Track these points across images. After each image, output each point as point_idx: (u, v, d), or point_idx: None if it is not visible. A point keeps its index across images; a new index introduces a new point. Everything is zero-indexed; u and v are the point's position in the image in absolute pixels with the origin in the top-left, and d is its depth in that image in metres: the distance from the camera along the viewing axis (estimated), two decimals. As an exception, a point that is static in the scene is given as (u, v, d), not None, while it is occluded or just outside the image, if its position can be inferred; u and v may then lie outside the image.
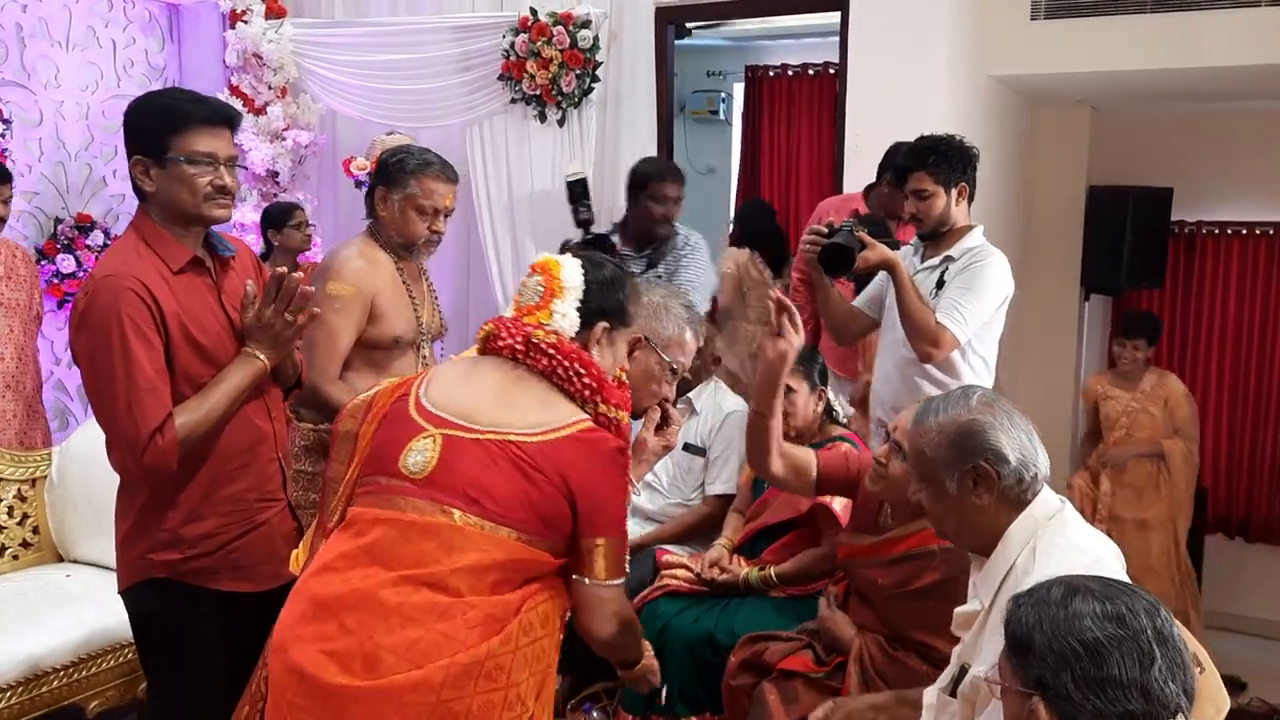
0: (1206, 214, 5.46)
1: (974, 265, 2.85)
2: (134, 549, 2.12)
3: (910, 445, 1.87)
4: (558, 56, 4.23)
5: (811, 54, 5.92)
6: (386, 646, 1.62)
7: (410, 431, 1.78)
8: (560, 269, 1.89)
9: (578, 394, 1.82)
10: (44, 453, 3.40)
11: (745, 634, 2.70)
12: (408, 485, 1.74)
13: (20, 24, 4.44)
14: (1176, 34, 4.10)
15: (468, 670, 1.63)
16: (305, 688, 1.64)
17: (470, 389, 1.83)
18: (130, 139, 2.05)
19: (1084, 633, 1.27)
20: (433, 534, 1.70)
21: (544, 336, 1.82)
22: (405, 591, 1.66)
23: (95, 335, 1.97)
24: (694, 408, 3.42)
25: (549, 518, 1.74)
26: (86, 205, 4.68)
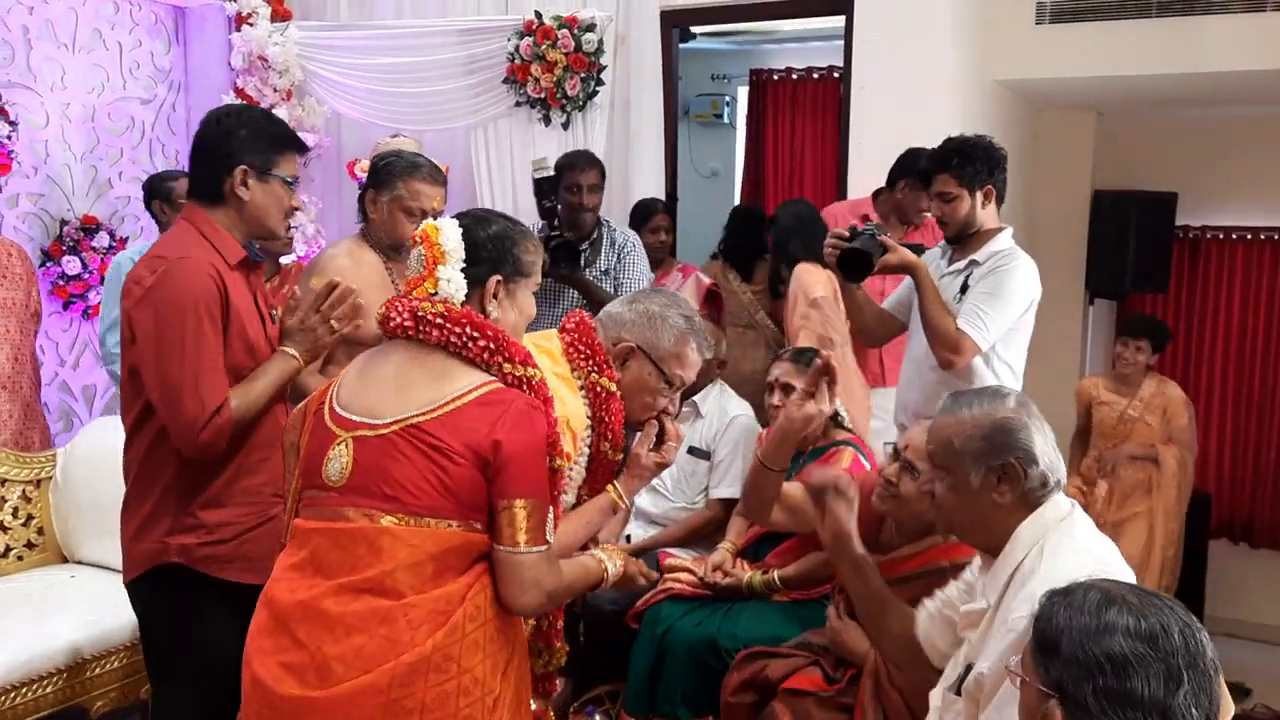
0: (1211, 219, 5.46)
1: (999, 270, 2.79)
2: (151, 533, 2.16)
3: (936, 434, 1.85)
4: (562, 60, 4.23)
5: (816, 58, 5.93)
6: (334, 656, 1.64)
7: (327, 439, 1.78)
8: (439, 233, 1.82)
9: (478, 358, 1.76)
10: (49, 454, 3.40)
11: (745, 647, 2.69)
12: (332, 494, 1.74)
13: (26, 26, 4.45)
14: (1181, 39, 4.10)
15: (413, 668, 1.63)
16: (265, 698, 1.68)
17: (372, 383, 1.80)
18: (235, 147, 2.17)
19: (1113, 646, 1.24)
20: (361, 539, 1.69)
21: (429, 308, 1.77)
22: (345, 600, 1.66)
23: (166, 312, 2.06)
24: (699, 411, 3.42)
25: (467, 498, 1.70)
26: (92, 207, 4.68)
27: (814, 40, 5.79)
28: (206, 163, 2.20)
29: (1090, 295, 5.44)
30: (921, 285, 2.78)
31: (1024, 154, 5.18)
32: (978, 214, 2.85)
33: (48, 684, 2.79)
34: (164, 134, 5.03)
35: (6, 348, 3.62)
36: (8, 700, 2.70)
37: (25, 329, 3.71)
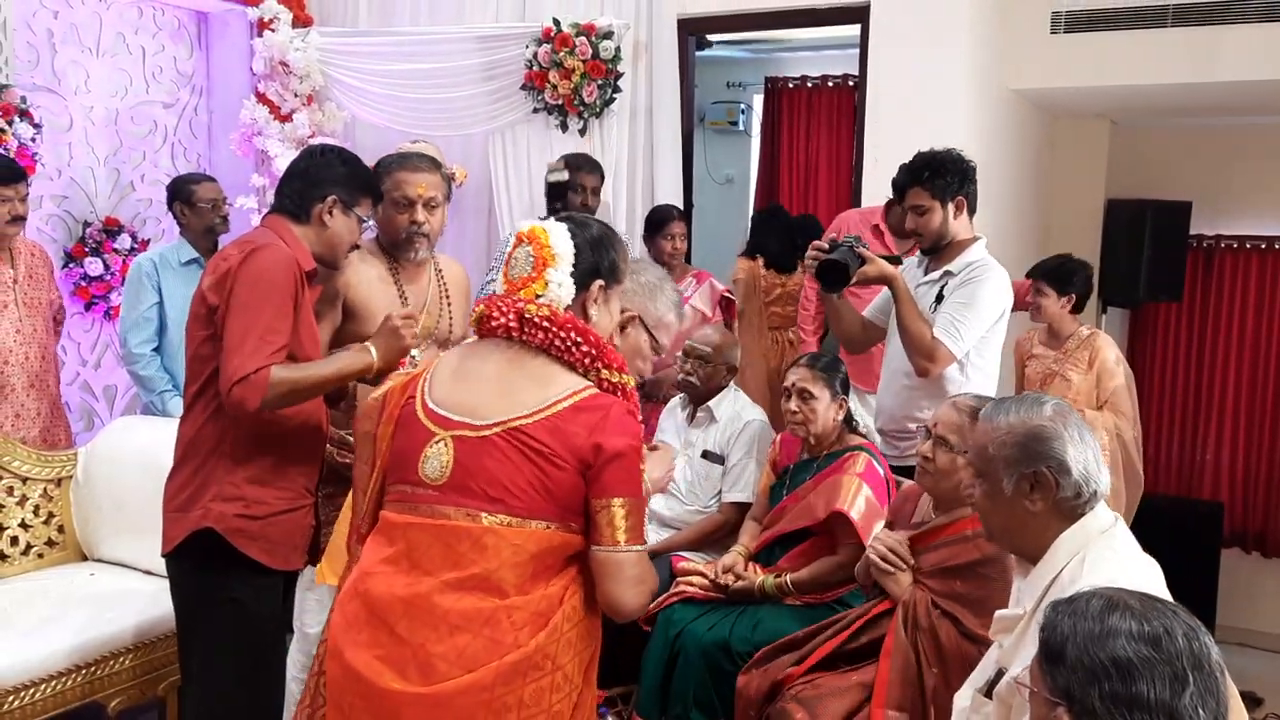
0: (1225, 228, 5.46)
1: (972, 281, 2.88)
2: (197, 500, 2.26)
3: (975, 440, 1.87)
4: (580, 67, 4.26)
5: (831, 66, 5.95)
6: (438, 654, 1.68)
7: (422, 437, 1.80)
8: (549, 235, 1.84)
9: (578, 363, 1.80)
10: (70, 453, 3.44)
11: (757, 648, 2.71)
12: (430, 492, 1.77)
13: (51, 30, 4.50)
14: (1196, 48, 4.11)
15: (517, 667, 1.68)
16: (362, 689, 1.71)
17: (471, 383, 1.82)
18: (332, 178, 2.41)
19: (1117, 650, 1.24)
20: (464, 536, 1.72)
21: (537, 310, 1.79)
22: (451, 599, 1.70)
23: (256, 279, 2.21)
24: (713, 416, 3.44)
25: (565, 500, 1.74)
26: (114, 209, 4.73)
27: (829, 49, 5.81)
28: (300, 184, 2.41)
29: (1104, 304, 5.43)
30: (898, 295, 2.86)
31: (1038, 162, 5.18)
32: (950, 225, 2.95)
33: (66, 680, 2.81)
34: (186, 137, 5.08)
35: (34, 346, 3.68)
36: (28, 696, 2.73)
37: (49, 328, 3.76)
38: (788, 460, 3.13)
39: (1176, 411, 5.67)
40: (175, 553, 2.32)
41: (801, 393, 2.98)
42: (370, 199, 2.49)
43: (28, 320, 3.65)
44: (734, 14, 4.51)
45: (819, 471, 2.98)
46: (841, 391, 3.01)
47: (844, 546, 2.88)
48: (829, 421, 2.99)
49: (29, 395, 3.66)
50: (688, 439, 3.47)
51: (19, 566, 3.24)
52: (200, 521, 2.26)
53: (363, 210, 2.46)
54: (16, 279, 3.64)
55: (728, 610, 2.95)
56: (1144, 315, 5.71)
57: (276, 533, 2.31)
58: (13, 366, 3.60)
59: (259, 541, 2.28)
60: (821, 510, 2.88)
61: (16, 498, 3.26)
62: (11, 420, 3.61)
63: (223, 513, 2.25)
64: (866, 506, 2.83)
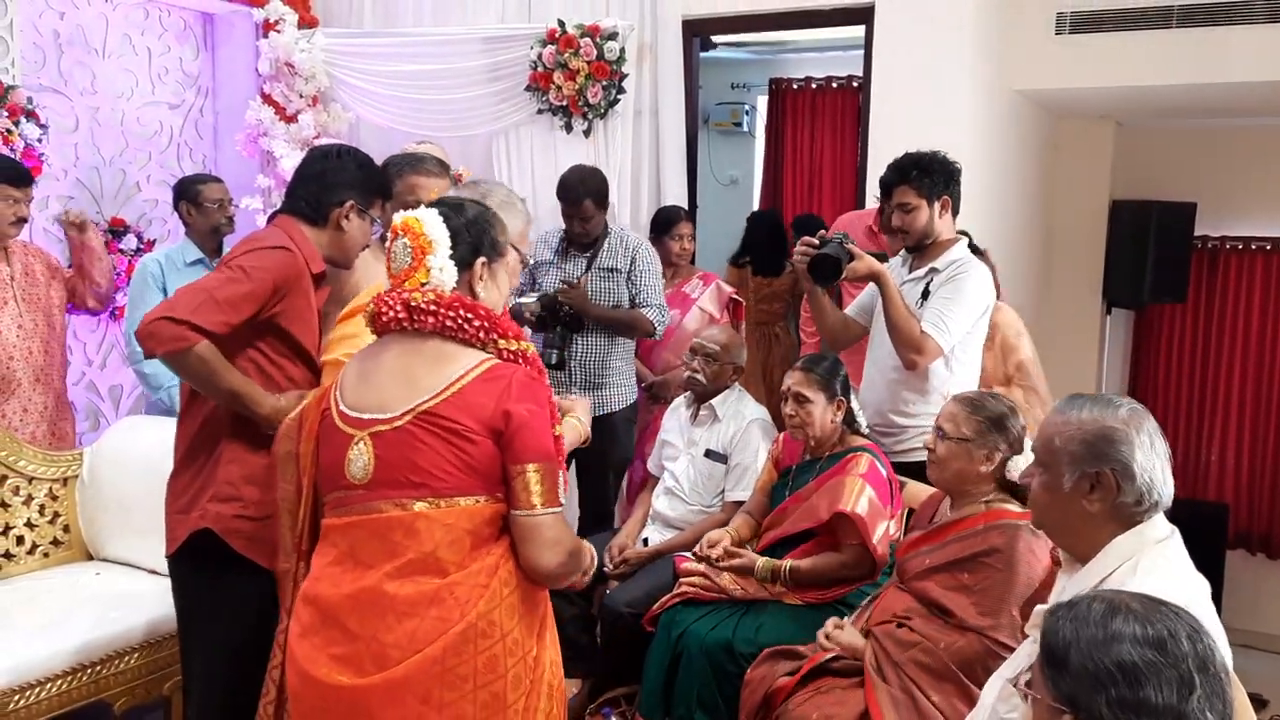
0: (1230, 229, 5.46)
1: (957, 278, 2.97)
2: (197, 501, 2.28)
3: (1043, 430, 1.83)
4: (584, 68, 4.27)
5: (835, 67, 5.95)
6: (390, 643, 1.74)
7: (343, 441, 1.85)
8: (423, 224, 1.88)
9: (474, 338, 1.84)
10: (75, 453, 3.45)
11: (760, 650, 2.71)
12: (359, 491, 1.82)
13: (58, 31, 4.52)
14: (1201, 49, 4.11)
15: (464, 636, 1.75)
16: (320, 692, 1.77)
17: (374, 380, 1.86)
18: (349, 182, 2.42)
19: (1122, 655, 1.23)
20: (396, 526, 1.78)
21: (420, 297, 1.84)
22: (394, 585, 1.76)
23: (240, 254, 2.24)
24: (716, 415, 3.44)
25: (488, 472, 1.80)
26: (120, 210, 4.74)
27: (833, 50, 5.81)
28: (316, 188, 2.41)
29: (1108, 305, 5.43)
30: (886, 291, 2.93)
31: (1043, 163, 5.18)
32: (935, 224, 3.04)
33: (72, 679, 2.82)
34: (191, 138, 5.10)
35: (36, 341, 3.69)
36: (33, 695, 2.73)
37: (52, 324, 3.78)
38: (790, 460, 3.13)
39: (1181, 413, 5.67)
40: (177, 553, 2.33)
41: (797, 396, 2.98)
42: (380, 199, 2.52)
43: (28, 316, 3.67)
44: (738, 15, 4.52)
45: (821, 473, 2.98)
46: (841, 393, 3.00)
47: (847, 547, 2.88)
48: (827, 424, 2.98)
49: (35, 390, 3.68)
50: (691, 437, 3.47)
51: (25, 566, 3.25)
52: (199, 522, 2.27)
53: (375, 211, 2.48)
54: (14, 276, 3.66)
55: (730, 611, 2.95)
56: (1148, 317, 5.71)
57: (271, 534, 2.25)
58: (17, 362, 3.62)
59: (257, 543, 2.26)
60: (824, 511, 2.87)
61: (23, 497, 3.27)
62: (19, 415, 3.63)
63: (220, 513, 2.26)
64: (870, 507, 2.83)
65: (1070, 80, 4.41)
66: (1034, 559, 2.27)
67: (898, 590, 2.56)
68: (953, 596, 2.37)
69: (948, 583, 2.39)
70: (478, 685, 1.75)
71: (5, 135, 3.89)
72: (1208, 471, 5.60)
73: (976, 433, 2.42)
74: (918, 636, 2.38)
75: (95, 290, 3.93)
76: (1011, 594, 2.26)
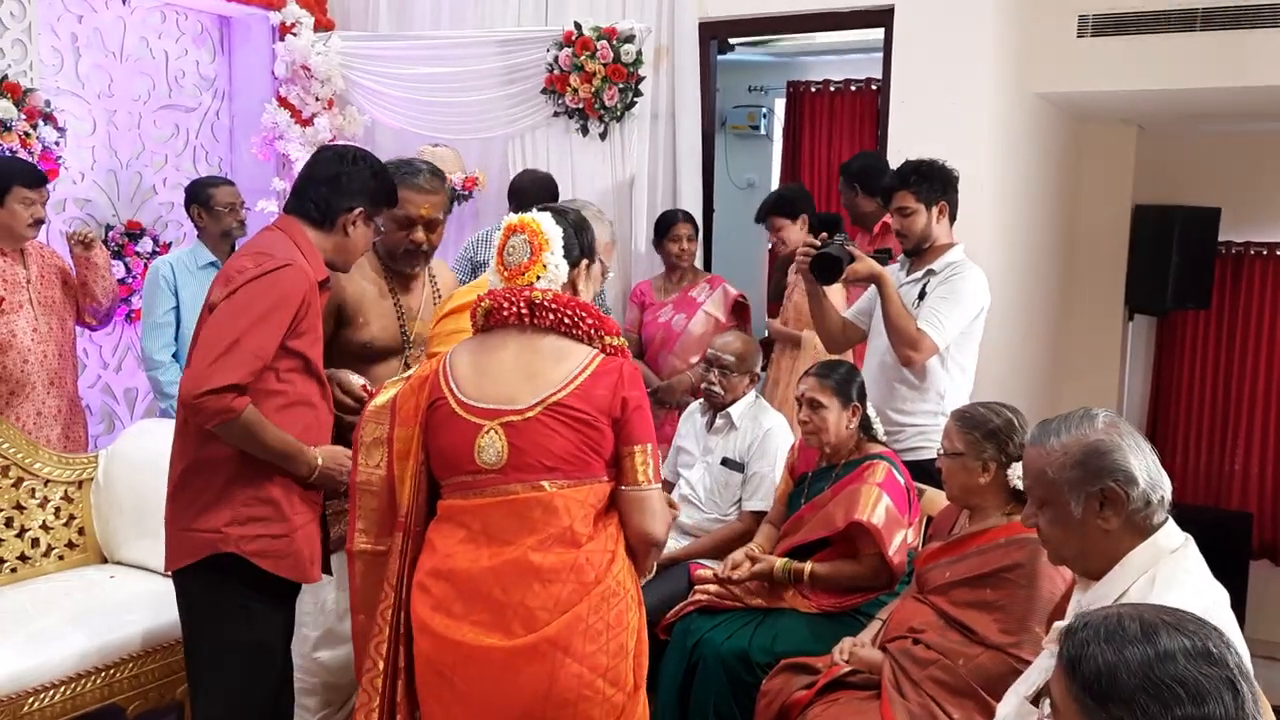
0: (1255, 234, 5.40)
1: (953, 278, 3.10)
2: (209, 522, 2.23)
3: (1030, 466, 1.80)
4: (601, 71, 4.25)
5: (854, 70, 5.91)
6: (537, 606, 1.95)
7: (469, 430, 2.01)
8: (540, 224, 2.08)
9: (584, 335, 2.04)
10: (91, 455, 3.45)
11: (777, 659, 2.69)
12: (492, 475, 2.00)
13: (76, 34, 4.53)
14: (1225, 52, 4.06)
15: (601, 595, 1.98)
16: (466, 654, 1.97)
17: (495, 375, 2.04)
18: (361, 188, 2.37)
19: (1181, 673, 1.16)
20: (534, 505, 1.98)
21: (542, 296, 2.03)
22: (539, 557, 1.96)
23: (256, 291, 2.18)
24: (733, 423, 3.41)
25: (610, 455, 2.03)
26: (136, 213, 4.76)
27: (852, 53, 5.78)
28: (328, 191, 2.35)
29: (1130, 311, 5.38)
30: (886, 290, 3.05)
31: (1064, 167, 5.14)
32: (933, 228, 3.17)
33: (86, 683, 2.82)
34: (208, 141, 5.11)
35: (51, 344, 3.69)
36: (46, 698, 2.73)
37: (66, 327, 3.78)
38: (806, 467, 3.10)
39: (1205, 421, 5.61)
40: (184, 571, 2.30)
41: (811, 402, 2.95)
42: (388, 208, 2.50)
43: (43, 319, 3.67)
44: (756, 18, 4.50)
45: (837, 480, 2.94)
46: (857, 399, 2.96)
47: (864, 556, 2.85)
48: (841, 430, 2.95)
49: (49, 393, 3.68)
50: (707, 445, 3.45)
51: (40, 568, 3.25)
52: (218, 546, 2.24)
53: (381, 222, 2.48)
54: (30, 279, 3.66)
55: (746, 619, 2.92)
56: (1172, 323, 5.65)
57: (297, 548, 2.30)
58: (32, 365, 3.62)
59: (287, 559, 2.28)
60: (840, 520, 2.84)
61: (38, 500, 3.27)
62: (33, 418, 3.64)
63: (243, 535, 2.24)
64: (887, 516, 2.79)
65: (1092, 83, 4.36)
66: (1055, 574, 2.24)
67: (915, 601, 2.52)
68: (973, 614, 2.34)
69: (970, 598, 2.36)
70: (610, 637, 1.98)
71: (23, 138, 3.91)
72: (1231, 480, 5.54)
73: (968, 446, 2.41)
74: (935, 654, 2.34)
75: (93, 307, 3.87)
76: (1035, 611, 2.23)
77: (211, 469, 2.25)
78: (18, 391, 3.60)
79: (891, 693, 2.33)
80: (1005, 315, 4.47)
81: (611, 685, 1.99)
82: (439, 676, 2.02)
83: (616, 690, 2.00)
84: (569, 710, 1.96)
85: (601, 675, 1.98)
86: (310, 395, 2.34)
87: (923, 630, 2.41)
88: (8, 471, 3.21)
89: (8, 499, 3.20)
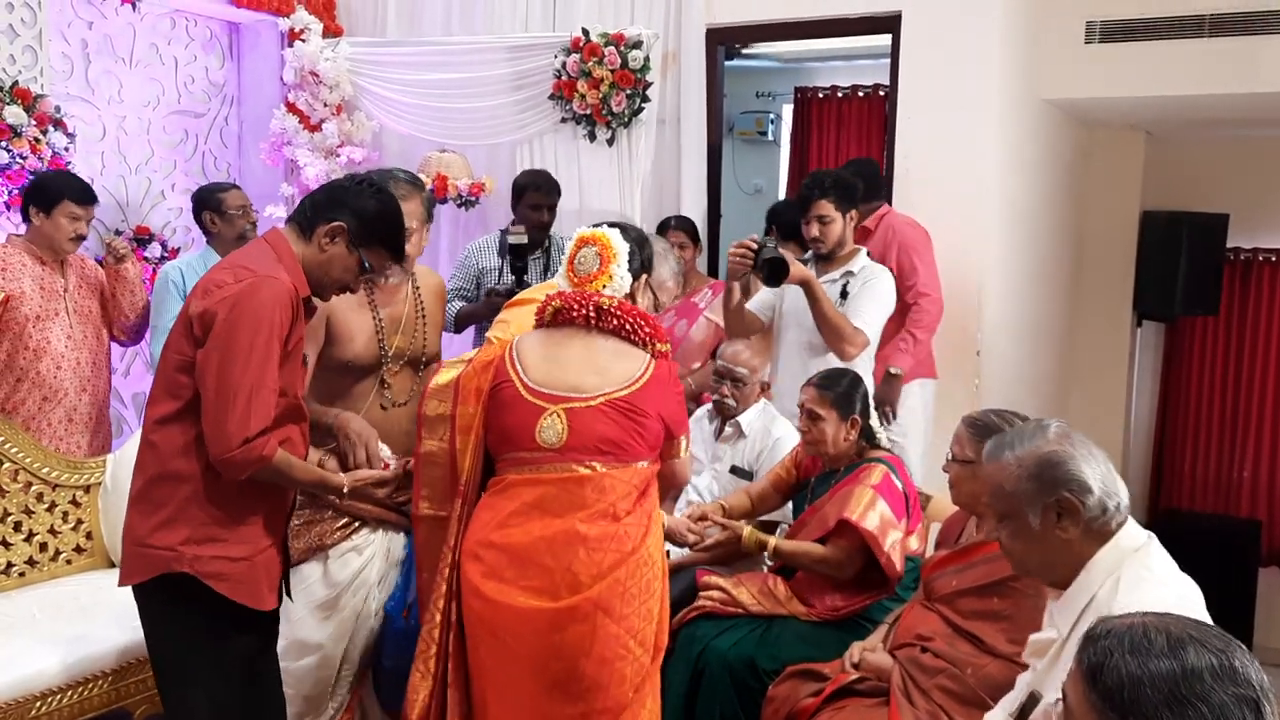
0: (1263, 240, 5.38)
1: (873, 281, 3.46)
2: (166, 538, 2.14)
3: (989, 483, 1.83)
4: (608, 77, 4.26)
5: (861, 76, 5.91)
6: (580, 570, 2.16)
7: (533, 412, 2.25)
8: (609, 238, 2.37)
9: (641, 341, 2.31)
10: (99, 460, 3.46)
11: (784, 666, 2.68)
12: (549, 454, 2.23)
13: (86, 41, 4.55)
14: (1233, 58, 4.05)
15: (636, 562, 2.21)
16: (518, 615, 2.17)
17: (563, 365, 2.29)
18: (354, 208, 2.24)
19: (1208, 693, 1.15)
20: (587, 483, 2.22)
21: (609, 302, 2.31)
22: (587, 528, 2.18)
23: (245, 320, 2.08)
24: (742, 431, 3.41)
25: (654, 442, 2.31)
26: (145, 218, 4.77)
27: (859, 59, 5.77)
28: (323, 198, 2.28)
29: (1138, 317, 5.36)
30: (816, 293, 3.33)
31: (1072, 173, 5.13)
32: (846, 234, 3.51)
33: (93, 687, 2.83)
34: (216, 147, 5.12)
35: (85, 352, 3.73)
36: (54, 702, 2.74)
37: (101, 337, 3.83)
38: (811, 470, 3.10)
39: (1213, 427, 5.59)
40: (143, 587, 2.21)
41: (810, 414, 2.96)
42: (385, 250, 2.31)
43: (78, 327, 3.72)
44: (763, 24, 4.50)
45: (837, 483, 2.95)
46: (858, 412, 2.95)
47: (835, 546, 2.84)
48: (839, 441, 2.94)
49: (80, 400, 3.72)
50: (715, 453, 3.44)
51: (48, 572, 3.26)
52: (171, 565, 2.14)
53: (370, 255, 2.28)
54: (67, 288, 3.70)
55: (751, 626, 2.91)
56: (1180, 329, 5.63)
57: (256, 574, 2.20)
58: (65, 371, 3.66)
59: (245, 584, 2.18)
60: (832, 520, 2.85)
61: (46, 504, 3.28)
62: (64, 425, 3.68)
63: (198, 555, 2.14)
64: (880, 519, 2.79)
65: (1100, 90, 4.36)
66: None
67: (923, 609, 2.52)
68: (982, 624, 2.33)
69: (977, 607, 2.35)
70: (641, 602, 2.21)
71: (33, 143, 3.92)
72: (1240, 487, 5.51)
73: (979, 454, 2.38)
74: (943, 663, 2.34)
75: (123, 322, 3.89)
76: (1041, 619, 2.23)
77: (175, 483, 2.15)
78: (50, 398, 3.63)
79: (900, 699, 2.33)
80: (1013, 322, 4.47)
81: (640, 647, 2.22)
82: (491, 635, 2.22)
83: (644, 652, 2.23)
84: (606, 669, 2.18)
85: (633, 637, 2.20)
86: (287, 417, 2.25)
87: (931, 638, 2.40)
88: (16, 476, 3.23)
89: (16, 503, 3.21)
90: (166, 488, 2.15)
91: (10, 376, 3.57)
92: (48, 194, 3.58)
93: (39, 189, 3.62)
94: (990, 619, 2.32)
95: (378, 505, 2.61)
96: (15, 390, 3.58)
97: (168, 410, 2.16)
